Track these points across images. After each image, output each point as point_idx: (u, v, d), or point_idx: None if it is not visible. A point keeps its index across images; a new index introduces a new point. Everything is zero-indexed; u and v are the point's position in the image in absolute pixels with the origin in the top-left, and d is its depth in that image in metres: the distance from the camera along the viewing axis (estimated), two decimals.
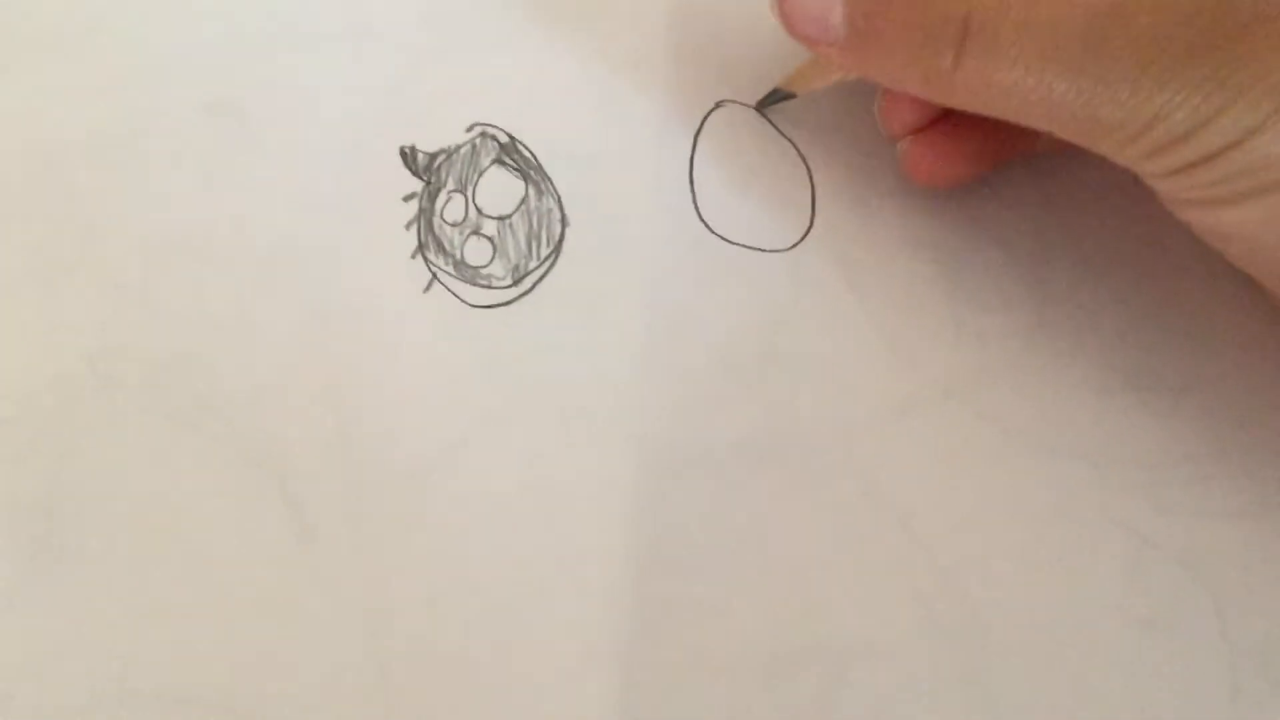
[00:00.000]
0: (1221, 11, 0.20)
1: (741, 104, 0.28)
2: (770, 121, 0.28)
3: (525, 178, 0.27)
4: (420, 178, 0.26)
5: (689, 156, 0.27)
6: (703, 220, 0.27)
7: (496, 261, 0.26)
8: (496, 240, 0.26)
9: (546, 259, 0.26)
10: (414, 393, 0.25)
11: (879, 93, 0.27)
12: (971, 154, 0.26)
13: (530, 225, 0.27)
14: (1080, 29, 0.21)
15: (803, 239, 0.27)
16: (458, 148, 0.27)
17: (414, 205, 0.26)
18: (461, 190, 0.27)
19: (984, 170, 0.27)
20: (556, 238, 0.26)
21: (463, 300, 0.26)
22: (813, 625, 0.24)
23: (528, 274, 0.26)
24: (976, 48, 0.22)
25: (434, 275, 0.26)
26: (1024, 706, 0.24)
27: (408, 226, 0.26)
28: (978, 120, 0.25)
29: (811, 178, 0.27)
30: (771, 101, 0.27)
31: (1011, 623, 0.25)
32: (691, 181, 0.27)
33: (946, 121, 0.26)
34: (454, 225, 0.26)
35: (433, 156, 0.27)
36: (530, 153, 0.27)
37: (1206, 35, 0.20)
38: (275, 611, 0.24)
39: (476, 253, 0.26)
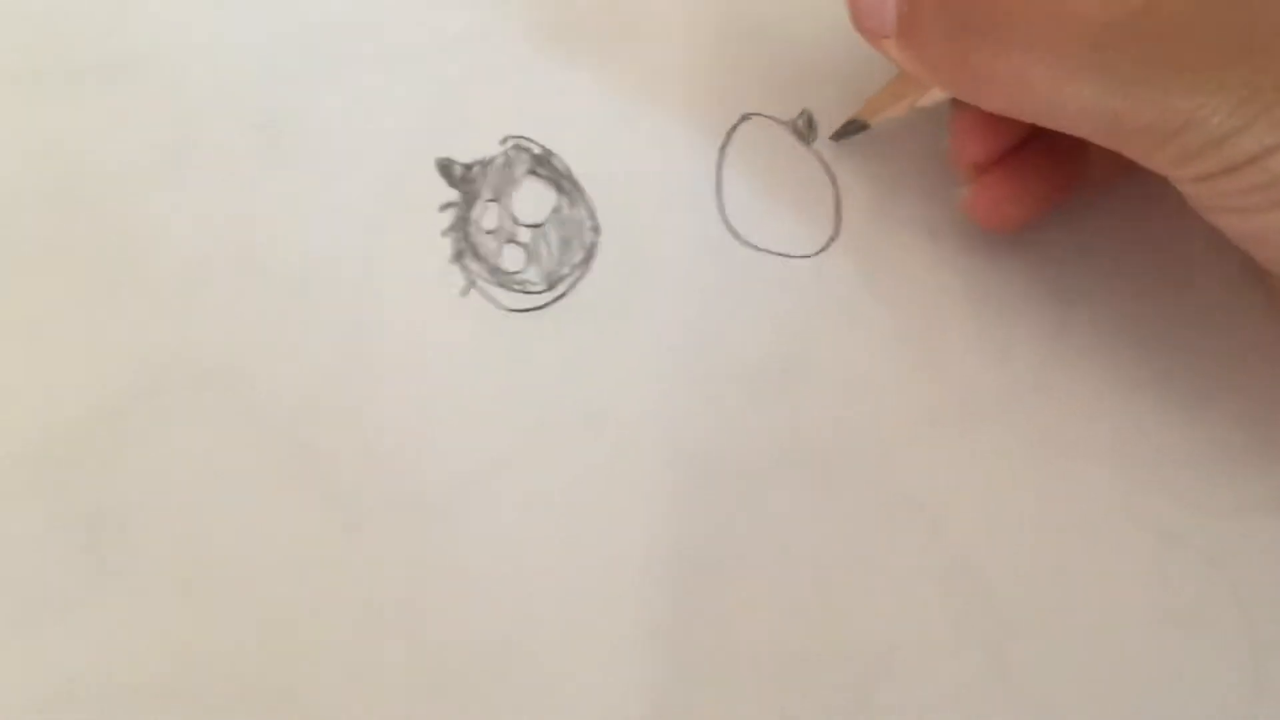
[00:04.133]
0: (1256, 17, 0.20)
1: (766, 117, 0.28)
2: (796, 135, 0.28)
3: (558, 188, 0.28)
4: (456, 188, 0.27)
5: (716, 167, 0.28)
6: (730, 228, 0.28)
7: (531, 268, 0.27)
8: (531, 247, 0.27)
9: (579, 266, 0.27)
10: (452, 394, 0.26)
11: (949, 129, 0.27)
12: (1033, 195, 0.26)
13: (563, 233, 0.27)
14: (1115, 26, 0.21)
15: (828, 245, 0.28)
16: (493, 159, 0.28)
17: (451, 214, 0.27)
18: (497, 199, 0.27)
19: (1044, 213, 0.27)
20: (589, 245, 0.27)
21: (499, 304, 0.27)
22: (843, 629, 0.25)
23: (561, 279, 0.27)
24: (1009, 41, 0.22)
25: (471, 280, 0.27)
26: (1053, 707, 0.24)
27: (445, 234, 0.27)
28: (1040, 159, 0.26)
29: (836, 187, 0.28)
30: (847, 134, 0.28)
31: (1040, 624, 0.25)
32: (719, 191, 0.28)
33: (1009, 163, 0.26)
34: (490, 233, 0.27)
35: (468, 167, 0.28)
36: (563, 164, 0.28)
37: (1241, 41, 0.20)
38: (320, 613, 0.24)
39: (512, 259, 0.27)
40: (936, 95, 0.25)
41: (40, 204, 0.26)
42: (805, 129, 0.28)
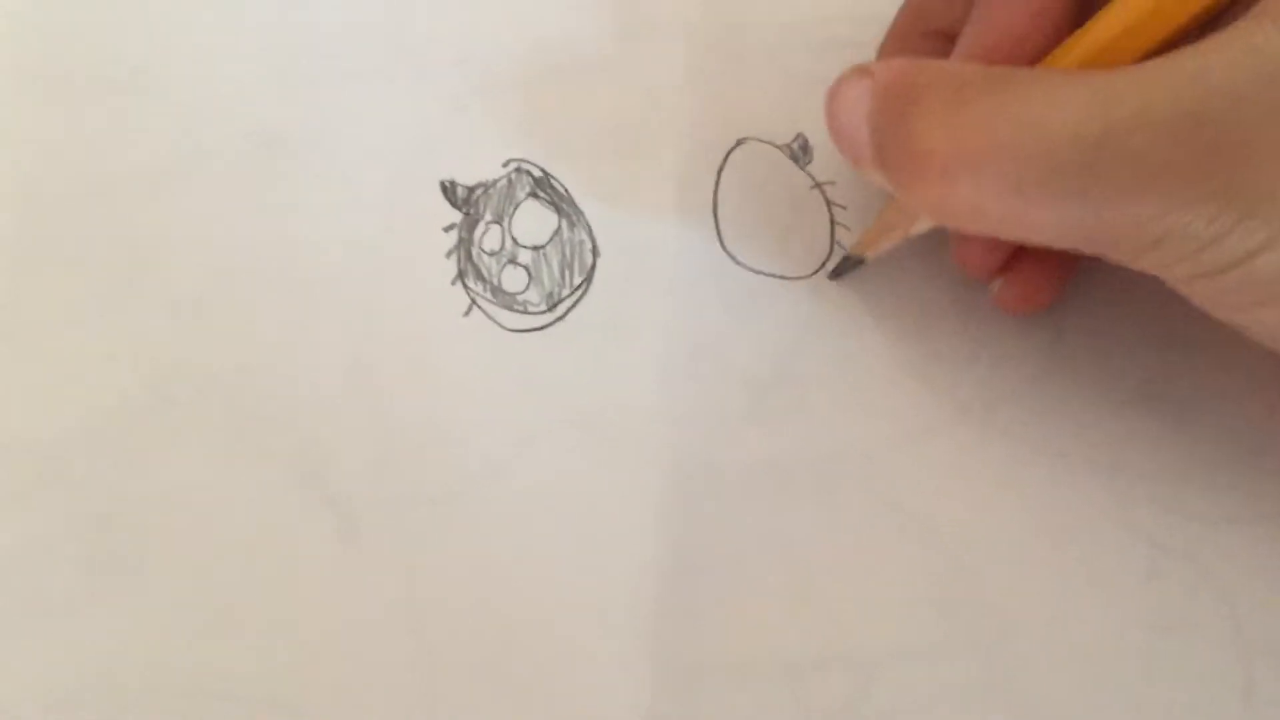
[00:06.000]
0: (1222, 129, 0.19)
1: (761, 141, 0.29)
2: (790, 157, 0.29)
3: (558, 210, 0.28)
4: (459, 209, 0.28)
5: (713, 190, 0.29)
6: (726, 251, 0.28)
7: (532, 289, 0.28)
8: (531, 269, 0.28)
9: (579, 287, 0.28)
10: (453, 410, 0.26)
11: (951, 240, 0.27)
12: (1059, 274, 0.26)
13: (563, 255, 0.28)
14: (1074, 158, 0.20)
15: (821, 267, 0.28)
16: (495, 181, 0.28)
17: (454, 235, 0.28)
18: (498, 221, 0.28)
19: (1069, 280, 0.27)
20: (588, 267, 0.28)
21: (500, 325, 0.27)
22: (837, 634, 0.25)
23: (561, 301, 0.27)
24: (965, 179, 0.21)
25: (473, 301, 0.27)
26: (1045, 711, 0.25)
27: (448, 255, 0.28)
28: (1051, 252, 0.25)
29: (830, 208, 0.29)
30: (844, 270, 0.28)
31: (1032, 629, 0.25)
32: (715, 214, 0.29)
33: (1025, 257, 0.26)
34: (491, 254, 0.28)
35: (471, 189, 0.28)
36: (563, 186, 0.28)
37: (1208, 154, 0.19)
38: (322, 616, 0.25)
39: (513, 280, 0.28)
40: (927, 223, 0.25)
41: (51, 209, 0.27)
42: (800, 152, 0.29)
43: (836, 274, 0.28)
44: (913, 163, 0.22)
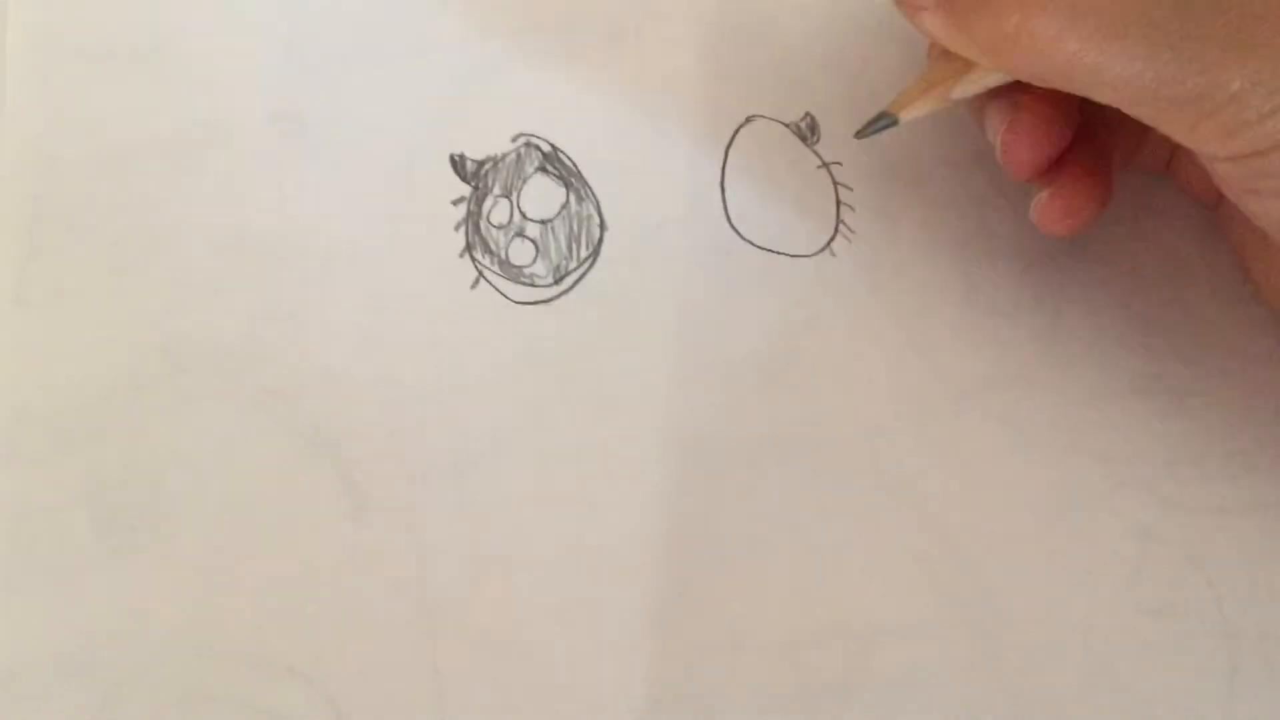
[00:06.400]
0: None
1: (769, 119, 0.29)
2: (799, 136, 0.29)
3: (566, 185, 0.29)
4: (468, 183, 0.28)
5: (720, 167, 0.29)
6: (733, 227, 0.29)
7: (539, 262, 0.28)
8: (539, 242, 0.28)
9: (585, 260, 0.28)
10: (461, 381, 0.27)
11: (1001, 135, 0.26)
12: (1095, 193, 0.26)
13: (570, 229, 0.28)
14: (1175, 6, 0.20)
15: (827, 245, 0.28)
16: (504, 156, 0.29)
17: (463, 208, 0.28)
18: (507, 195, 0.28)
19: (1105, 207, 0.26)
20: (595, 241, 0.28)
21: (507, 297, 0.28)
22: (835, 608, 0.26)
23: (568, 274, 0.28)
24: (1045, 9, 0.21)
25: (480, 273, 0.28)
26: (1036, 692, 0.25)
27: (456, 228, 0.28)
28: (1092, 157, 0.25)
29: (836, 188, 0.29)
30: (874, 129, 0.27)
31: (1024, 609, 0.26)
32: (723, 190, 0.29)
33: (1072, 168, 0.26)
34: (499, 227, 0.28)
35: (480, 164, 0.28)
36: (571, 161, 0.29)
37: None
38: (331, 581, 0.25)
39: (520, 253, 0.28)
40: (969, 84, 0.25)
41: (67, 177, 0.27)
42: (808, 131, 0.29)
43: (864, 133, 0.27)
44: None
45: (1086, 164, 0.26)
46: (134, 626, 0.25)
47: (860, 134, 0.27)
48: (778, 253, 0.28)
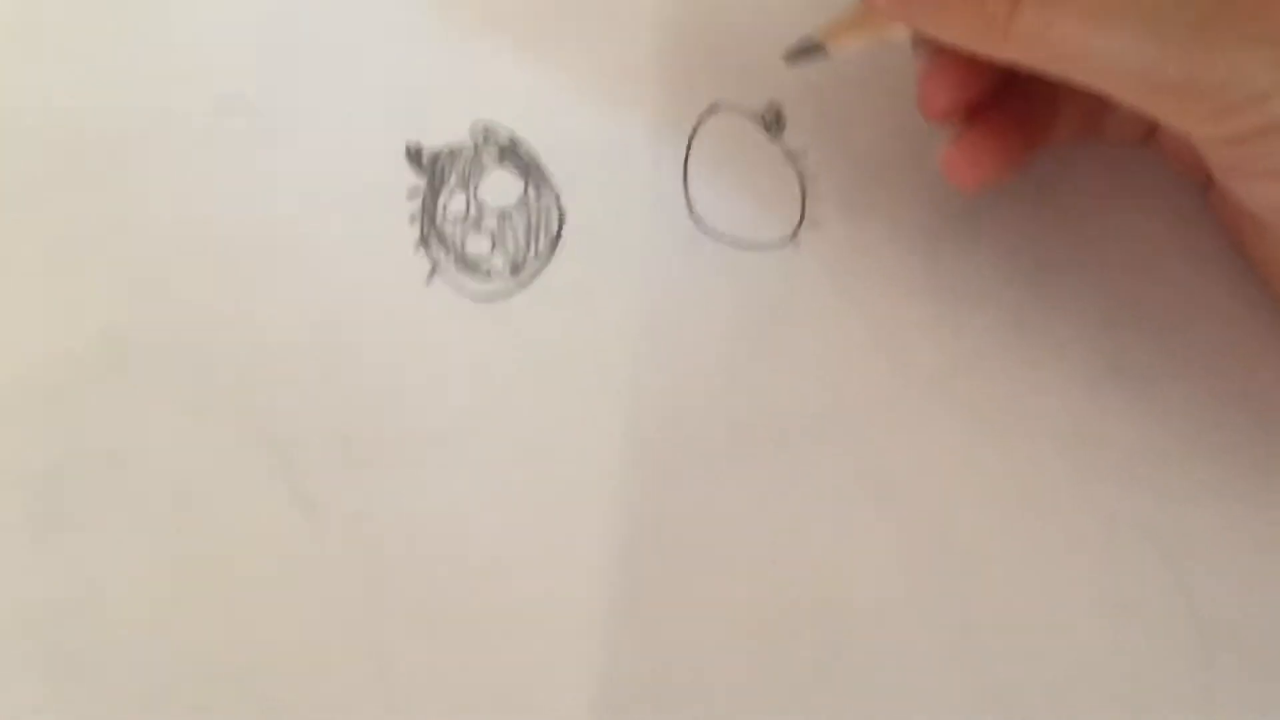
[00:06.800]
0: None
1: (734, 108, 0.29)
2: (761, 125, 0.29)
3: (525, 175, 0.28)
4: (424, 174, 0.28)
5: (683, 157, 0.28)
6: (695, 218, 0.28)
7: (496, 254, 0.27)
8: (496, 234, 0.27)
9: (544, 252, 0.27)
10: (413, 378, 0.26)
11: (920, 71, 0.26)
12: (1010, 151, 0.25)
13: (529, 220, 0.28)
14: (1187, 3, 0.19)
15: (792, 237, 0.28)
16: (461, 145, 0.28)
17: (418, 200, 0.27)
18: (464, 186, 0.28)
19: (1017, 168, 0.26)
20: (554, 233, 0.28)
21: (463, 289, 0.27)
22: (803, 597, 0.25)
23: (526, 267, 0.27)
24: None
25: (435, 266, 0.27)
26: (1006, 671, 0.25)
27: (412, 220, 0.27)
28: (1013, 113, 0.25)
29: (801, 178, 0.28)
30: (800, 54, 0.26)
31: (993, 594, 0.26)
32: (685, 181, 0.28)
33: (985, 119, 0.25)
34: (456, 220, 0.27)
35: (437, 154, 0.28)
36: (530, 151, 0.28)
37: None
38: (277, 575, 0.25)
39: (477, 245, 0.27)
40: (901, 30, 0.24)
41: (13, 160, 0.27)
42: (773, 120, 0.29)
43: (792, 58, 0.26)
44: None
45: (1001, 122, 0.25)
46: (56, 628, 0.24)
47: (788, 58, 0.26)
48: (742, 243, 0.28)
